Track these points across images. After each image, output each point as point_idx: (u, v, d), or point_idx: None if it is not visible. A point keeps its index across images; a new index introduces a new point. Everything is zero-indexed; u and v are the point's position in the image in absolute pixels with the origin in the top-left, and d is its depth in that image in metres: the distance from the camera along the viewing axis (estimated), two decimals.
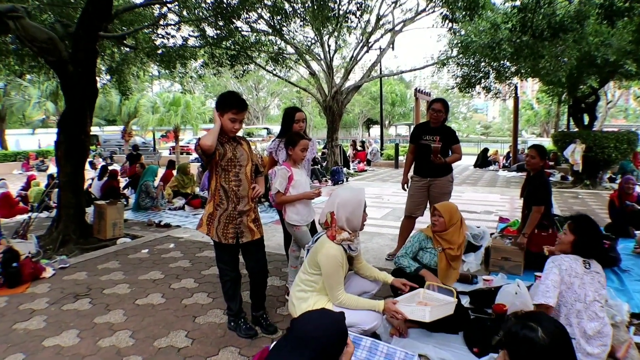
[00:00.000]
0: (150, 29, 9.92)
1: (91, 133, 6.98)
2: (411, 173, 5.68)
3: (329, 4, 9.00)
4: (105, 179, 10.30)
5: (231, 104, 3.27)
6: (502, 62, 10.64)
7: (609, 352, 2.92)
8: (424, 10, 15.51)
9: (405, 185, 5.72)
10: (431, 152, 5.11)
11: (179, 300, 4.24)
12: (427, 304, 3.21)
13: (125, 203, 9.60)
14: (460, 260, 4.31)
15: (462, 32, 11.01)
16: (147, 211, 8.98)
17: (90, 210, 7.13)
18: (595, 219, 3.15)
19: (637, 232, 6.43)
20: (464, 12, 7.92)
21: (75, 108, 6.22)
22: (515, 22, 7.62)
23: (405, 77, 47.60)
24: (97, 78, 11.01)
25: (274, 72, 15.58)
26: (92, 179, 10.95)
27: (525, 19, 7.29)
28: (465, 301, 4.02)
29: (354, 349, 1.91)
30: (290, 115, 4.56)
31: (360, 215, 3.18)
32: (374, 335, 3.14)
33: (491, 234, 5.91)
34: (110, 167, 12.42)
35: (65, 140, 6.23)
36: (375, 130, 49.95)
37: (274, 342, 2.08)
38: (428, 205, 5.49)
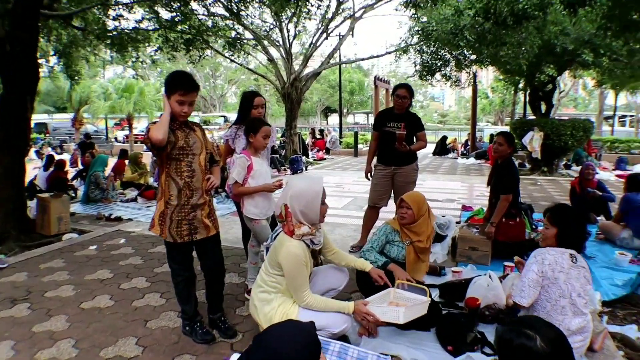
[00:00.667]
0: (100, 9, 9.34)
1: (40, 121, 6.46)
2: (375, 162, 5.48)
3: None
4: (51, 169, 9.68)
5: (177, 85, 2.89)
6: (462, 50, 10.57)
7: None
8: None
9: (369, 174, 5.51)
10: (395, 140, 4.92)
11: (129, 302, 3.89)
12: (398, 304, 3.01)
13: (73, 195, 9.07)
14: (429, 253, 4.16)
15: (424, 19, 10.89)
16: (96, 204, 8.44)
17: (32, 203, 6.62)
18: None
19: (598, 218, 6.50)
20: None
21: (14, 91, 5.70)
22: (478, 9, 7.52)
23: (363, 65, 47.55)
24: (44, 61, 10.35)
25: (232, 58, 15.15)
26: (39, 169, 10.31)
27: (488, 5, 7.21)
28: (435, 294, 3.84)
29: None
30: (249, 99, 4.21)
31: (318, 208, 2.86)
32: (342, 337, 2.91)
33: (457, 222, 5.81)
34: (57, 157, 11.74)
35: (3, 127, 5.70)
36: (333, 119, 49.91)
37: (235, 356, 1.82)
38: (392, 195, 5.33)
